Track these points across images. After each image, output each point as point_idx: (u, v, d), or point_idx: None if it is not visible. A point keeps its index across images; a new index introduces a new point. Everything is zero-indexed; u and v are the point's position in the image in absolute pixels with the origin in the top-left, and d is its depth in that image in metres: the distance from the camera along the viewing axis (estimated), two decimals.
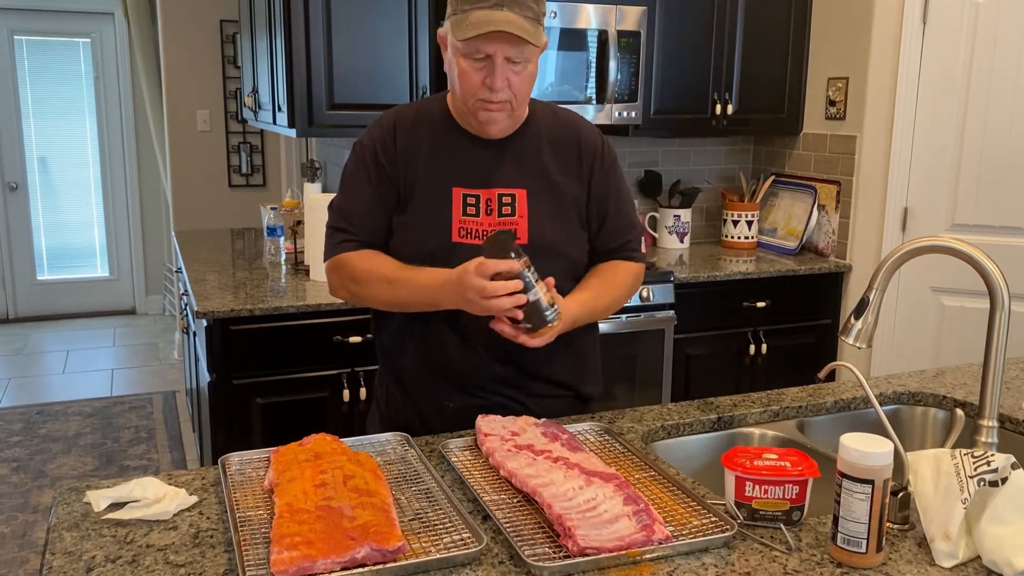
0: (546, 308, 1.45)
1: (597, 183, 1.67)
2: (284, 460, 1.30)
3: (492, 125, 1.56)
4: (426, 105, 1.68)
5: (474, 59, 1.49)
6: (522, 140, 1.64)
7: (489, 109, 1.53)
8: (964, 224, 3.19)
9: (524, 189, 1.62)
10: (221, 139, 4.21)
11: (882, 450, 1.10)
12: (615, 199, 1.70)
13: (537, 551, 1.12)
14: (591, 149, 1.67)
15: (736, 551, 1.15)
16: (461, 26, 1.47)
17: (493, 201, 1.61)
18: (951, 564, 1.13)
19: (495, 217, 1.61)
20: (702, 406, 1.70)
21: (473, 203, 1.61)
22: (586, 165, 1.66)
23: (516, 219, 1.61)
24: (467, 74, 1.50)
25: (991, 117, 3.10)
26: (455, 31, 1.48)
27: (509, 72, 1.50)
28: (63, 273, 6.52)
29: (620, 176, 1.73)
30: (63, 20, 6.14)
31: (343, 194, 1.67)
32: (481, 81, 1.50)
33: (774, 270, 3.33)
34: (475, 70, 1.50)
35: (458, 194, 1.61)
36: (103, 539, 1.17)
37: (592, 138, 1.69)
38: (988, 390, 1.34)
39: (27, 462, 3.96)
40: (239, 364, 2.66)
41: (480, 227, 1.60)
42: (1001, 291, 1.30)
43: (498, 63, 1.48)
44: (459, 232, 1.60)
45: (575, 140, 1.67)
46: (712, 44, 3.41)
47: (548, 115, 1.68)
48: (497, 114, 1.54)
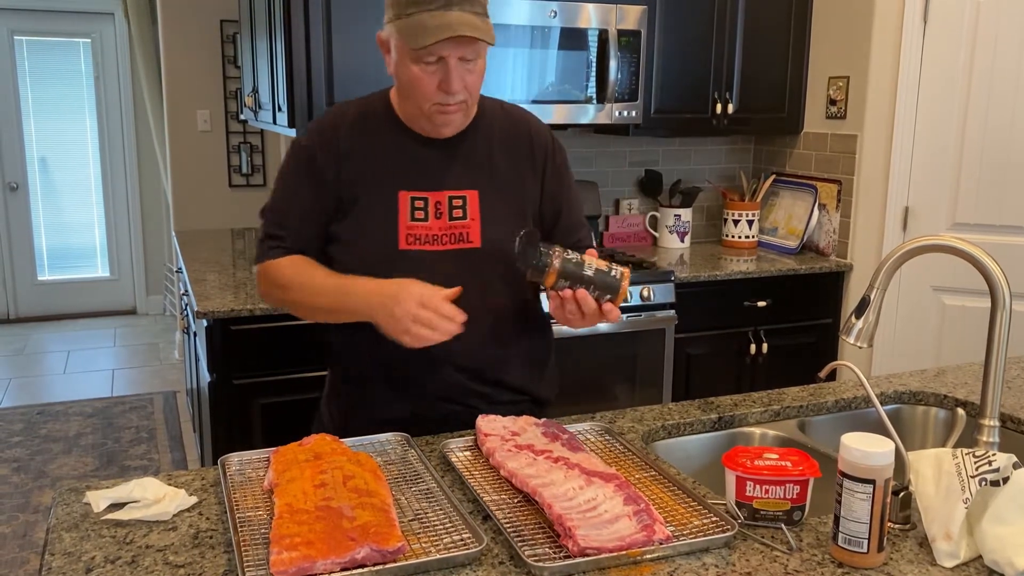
0: (608, 272, 1.39)
1: (550, 180, 1.63)
2: (284, 460, 1.30)
3: (448, 127, 1.52)
4: (369, 104, 1.61)
5: (426, 63, 1.43)
6: (472, 139, 1.58)
7: (446, 112, 1.48)
8: (965, 223, 3.18)
9: (475, 190, 1.56)
10: (221, 139, 4.21)
11: (883, 450, 1.09)
12: (567, 196, 1.66)
13: (537, 551, 1.11)
14: (543, 146, 1.63)
15: (737, 551, 1.15)
16: (412, 32, 1.40)
17: (443, 204, 1.55)
18: (952, 564, 1.12)
19: (445, 221, 1.55)
20: (703, 406, 1.70)
21: (421, 207, 1.54)
22: (539, 162, 1.62)
23: (468, 222, 1.56)
24: (421, 79, 1.45)
25: (992, 116, 3.10)
26: (407, 38, 1.41)
27: (463, 72, 1.45)
28: (64, 273, 6.52)
29: (570, 173, 1.69)
30: (63, 20, 6.14)
31: (276, 196, 1.60)
32: (436, 85, 1.45)
33: (775, 269, 3.33)
34: (429, 74, 1.44)
35: (405, 198, 1.54)
36: (102, 540, 1.17)
37: (543, 135, 1.65)
38: (989, 389, 1.33)
39: (28, 462, 3.96)
40: (239, 364, 2.66)
41: (429, 232, 1.54)
42: (1002, 290, 1.30)
43: (452, 65, 1.43)
44: (407, 239, 1.54)
45: (526, 137, 1.62)
46: (712, 43, 3.41)
47: (497, 112, 1.63)
48: (454, 116, 1.49)
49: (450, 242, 1.55)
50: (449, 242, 1.55)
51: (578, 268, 1.38)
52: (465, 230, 1.55)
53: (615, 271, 1.40)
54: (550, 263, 1.38)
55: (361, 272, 1.52)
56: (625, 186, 3.80)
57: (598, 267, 1.39)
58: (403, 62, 1.46)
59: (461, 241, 1.55)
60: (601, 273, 1.39)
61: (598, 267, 1.39)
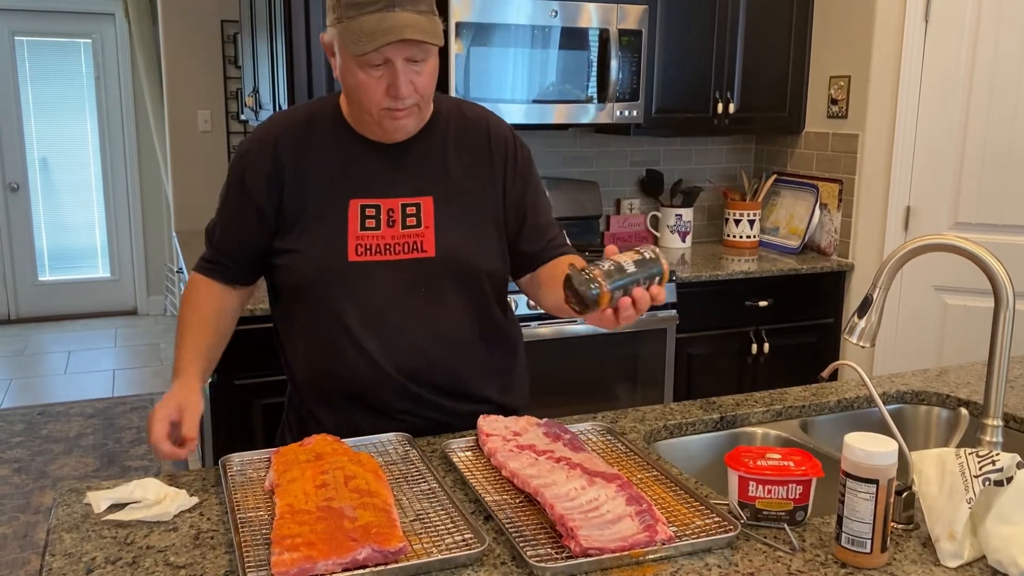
0: (645, 258, 1.29)
1: (511, 181, 1.56)
2: (285, 461, 1.30)
3: (400, 132, 1.46)
4: (317, 108, 1.54)
5: (372, 67, 1.36)
6: (426, 142, 1.51)
7: (396, 117, 1.41)
8: (967, 223, 3.18)
9: (430, 196, 1.50)
10: (222, 139, 4.20)
11: (886, 450, 1.09)
12: (533, 198, 1.59)
13: (539, 552, 1.11)
14: (501, 145, 1.56)
15: (740, 551, 1.15)
16: (354, 37, 1.33)
17: (395, 211, 1.48)
18: (956, 564, 1.12)
19: (398, 229, 1.48)
20: (705, 406, 1.69)
21: (372, 215, 1.48)
22: (498, 163, 1.55)
23: (422, 230, 1.49)
24: (367, 85, 1.38)
25: (993, 115, 3.09)
26: (349, 45, 1.34)
27: (412, 74, 1.38)
28: (64, 274, 6.52)
29: (534, 173, 1.61)
30: (64, 21, 6.14)
31: (217, 210, 1.58)
32: (384, 90, 1.38)
33: (776, 269, 3.32)
34: (375, 79, 1.37)
35: (355, 206, 1.47)
36: (103, 540, 1.16)
37: (502, 134, 1.57)
38: (993, 389, 1.33)
39: (29, 463, 3.95)
40: (240, 364, 2.65)
41: (382, 241, 1.47)
42: (1006, 289, 1.29)
43: (399, 68, 1.36)
44: (356, 249, 1.47)
45: (484, 137, 1.55)
46: (713, 43, 3.40)
47: (454, 112, 1.56)
48: (405, 120, 1.43)
49: (403, 251, 1.48)
50: (402, 251, 1.48)
51: (622, 274, 1.28)
52: (419, 239, 1.49)
53: (647, 253, 1.31)
54: (600, 290, 1.26)
55: (311, 285, 1.49)
56: (626, 186, 3.80)
57: (634, 259, 1.30)
58: (348, 67, 1.39)
59: (415, 251, 1.49)
60: (641, 264, 1.29)
61: (634, 259, 1.30)
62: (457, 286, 1.52)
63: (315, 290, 1.50)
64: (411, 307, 1.50)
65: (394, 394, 1.53)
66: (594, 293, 1.26)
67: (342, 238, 1.47)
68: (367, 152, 1.50)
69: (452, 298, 1.52)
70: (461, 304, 1.54)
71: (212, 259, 1.57)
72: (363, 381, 1.52)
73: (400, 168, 1.50)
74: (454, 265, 1.50)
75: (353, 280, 1.47)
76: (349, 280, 1.47)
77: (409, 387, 1.53)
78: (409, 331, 1.51)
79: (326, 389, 1.57)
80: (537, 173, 1.64)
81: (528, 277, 1.63)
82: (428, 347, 1.52)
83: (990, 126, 3.10)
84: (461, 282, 1.52)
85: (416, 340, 1.52)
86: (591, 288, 1.25)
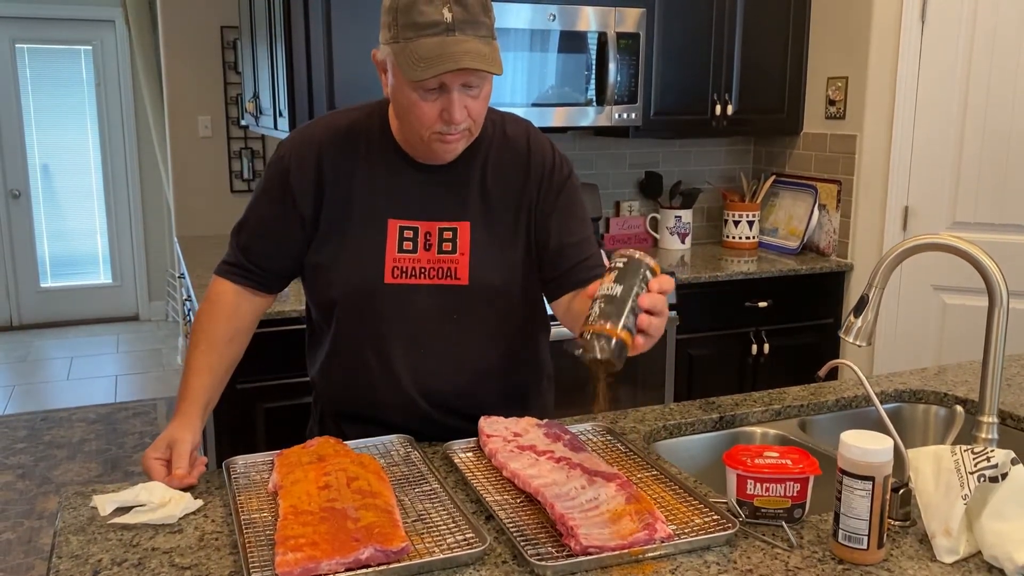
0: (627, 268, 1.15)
1: (544, 203, 1.49)
2: (288, 463, 1.31)
3: (449, 155, 1.41)
4: (363, 118, 1.48)
5: (426, 90, 1.31)
6: (467, 164, 1.46)
7: (447, 141, 1.36)
8: (965, 222, 3.19)
9: (467, 222, 1.45)
10: (223, 145, 4.22)
11: (882, 447, 1.10)
12: (568, 215, 1.50)
13: (540, 551, 1.12)
14: (539, 166, 1.50)
15: (738, 549, 1.16)
16: (411, 61, 1.27)
17: (433, 235, 1.45)
18: (952, 560, 1.13)
19: (434, 253, 1.45)
20: (704, 406, 1.70)
21: (411, 237, 1.44)
22: (532, 185, 1.49)
23: (457, 256, 1.45)
24: (420, 107, 1.32)
25: (991, 115, 3.10)
26: (405, 68, 1.28)
27: (467, 100, 1.32)
28: (66, 280, 6.53)
29: (569, 191, 1.51)
30: (64, 28, 6.16)
31: (246, 211, 1.52)
32: (437, 114, 1.32)
33: (775, 270, 3.33)
34: (429, 102, 1.31)
35: (394, 227, 1.44)
36: (109, 543, 1.18)
37: (541, 152, 1.51)
38: (988, 387, 1.34)
39: (32, 469, 3.97)
40: (243, 368, 2.64)
41: (417, 265, 1.44)
42: (1000, 288, 1.31)
43: (455, 95, 1.31)
44: (393, 272, 1.44)
45: (523, 159, 1.50)
46: (711, 45, 3.42)
47: (498, 131, 1.50)
48: (455, 144, 1.38)
49: (437, 276, 1.45)
50: (436, 276, 1.45)
51: (617, 302, 1.12)
52: (453, 265, 1.45)
53: (619, 261, 1.16)
54: (615, 338, 1.10)
55: (344, 303, 1.47)
56: (625, 188, 3.81)
57: (615, 277, 1.15)
58: (400, 87, 1.33)
59: (448, 277, 1.46)
60: (624, 276, 1.14)
61: (615, 277, 1.15)
62: (488, 315, 1.49)
63: (348, 309, 1.48)
64: (441, 333, 1.48)
65: (415, 418, 1.52)
66: (615, 346, 1.09)
67: (379, 259, 1.44)
68: (410, 171, 1.46)
69: (482, 327, 1.50)
70: (490, 333, 1.51)
71: (238, 263, 1.51)
72: (385, 403, 1.52)
73: (440, 190, 1.46)
74: (486, 293, 1.47)
75: (386, 303, 1.45)
76: (383, 302, 1.45)
77: (431, 413, 1.52)
78: (437, 357, 1.50)
79: (348, 405, 1.56)
80: (576, 191, 1.54)
81: (557, 303, 1.51)
82: (453, 375, 1.51)
83: (987, 125, 3.11)
84: (493, 311, 1.49)
85: (443, 367, 1.50)
86: (610, 345, 1.09)
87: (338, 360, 1.54)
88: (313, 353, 1.61)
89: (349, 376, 1.54)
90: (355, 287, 1.46)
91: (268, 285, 1.54)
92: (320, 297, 1.51)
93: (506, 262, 1.48)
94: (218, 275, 1.54)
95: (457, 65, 1.25)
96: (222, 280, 1.53)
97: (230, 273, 1.52)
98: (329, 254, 1.47)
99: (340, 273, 1.46)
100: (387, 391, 1.51)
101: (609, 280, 1.15)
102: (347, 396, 1.56)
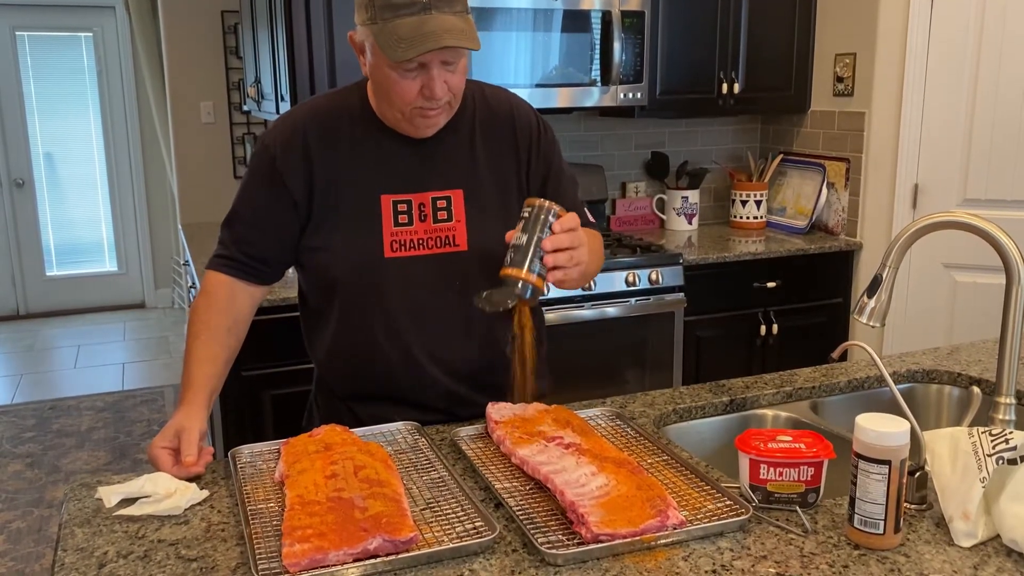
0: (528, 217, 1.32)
1: (535, 166, 1.55)
2: (294, 452, 1.29)
3: (431, 129, 1.44)
4: (342, 99, 1.51)
5: (406, 69, 1.34)
6: (453, 134, 1.49)
7: (428, 115, 1.40)
8: (976, 199, 3.15)
9: (460, 189, 1.49)
10: (225, 130, 4.19)
11: (898, 430, 1.08)
12: (554, 177, 1.57)
13: (551, 538, 1.11)
14: (526, 130, 1.55)
15: (752, 534, 1.14)
16: (390, 42, 1.30)
17: (427, 206, 1.47)
18: (970, 544, 1.11)
19: (430, 224, 1.47)
20: (714, 389, 1.69)
21: (404, 210, 1.46)
22: (522, 149, 1.54)
23: (453, 224, 1.48)
24: (400, 85, 1.35)
25: (1001, 90, 3.06)
26: (386, 49, 1.31)
27: (446, 75, 1.36)
28: (72, 269, 6.54)
29: (557, 154, 1.60)
30: (64, 15, 6.13)
31: (235, 203, 1.52)
32: (418, 91, 1.36)
33: (784, 250, 3.31)
34: (409, 80, 1.35)
35: (387, 202, 1.46)
36: (115, 535, 1.16)
37: (526, 118, 1.56)
38: (1005, 366, 1.32)
39: (41, 457, 3.98)
40: (248, 356, 2.64)
41: (415, 236, 1.47)
42: (1017, 265, 1.28)
43: (435, 73, 1.34)
44: (392, 246, 1.46)
45: (509, 125, 1.54)
46: (717, 22, 3.37)
47: (479, 100, 1.54)
48: (436, 118, 1.42)
49: (435, 246, 1.48)
50: (435, 246, 1.48)
51: (523, 249, 1.30)
52: (451, 233, 1.48)
53: (526, 211, 1.33)
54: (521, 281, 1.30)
55: (346, 283, 1.47)
56: (631, 169, 3.78)
57: (521, 228, 1.32)
58: (380, 67, 1.37)
59: (447, 245, 1.48)
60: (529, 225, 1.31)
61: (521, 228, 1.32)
62: (489, 279, 1.48)
63: (350, 288, 1.49)
64: (446, 302, 1.50)
65: (431, 390, 1.53)
66: (521, 287, 1.29)
67: (377, 235, 1.46)
68: (396, 147, 1.47)
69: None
70: None
71: (230, 255, 1.51)
72: (400, 378, 1.52)
73: (429, 162, 1.48)
74: (486, 258, 1.47)
75: (389, 277, 1.46)
76: (385, 277, 1.46)
77: (446, 383, 1.53)
78: (445, 326, 1.51)
79: (361, 386, 1.56)
80: (561, 155, 1.61)
81: None
82: (463, 342, 1.52)
83: (998, 101, 3.07)
84: (493, 275, 1.47)
85: (452, 335, 1.51)
86: (516, 286, 1.29)
87: (346, 341, 1.53)
88: (315, 338, 1.60)
89: (359, 356, 1.53)
90: (355, 265, 1.47)
91: (262, 276, 1.54)
92: (320, 280, 1.51)
93: (501, 227, 1.48)
94: (211, 269, 1.53)
95: (438, 44, 1.29)
96: (216, 273, 1.52)
97: (223, 266, 1.52)
98: (325, 236, 1.47)
99: (338, 253, 1.47)
100: (399, 365, 1.51)
101: (517, 231, 1.32)
102: (359, 376, 1.55)
